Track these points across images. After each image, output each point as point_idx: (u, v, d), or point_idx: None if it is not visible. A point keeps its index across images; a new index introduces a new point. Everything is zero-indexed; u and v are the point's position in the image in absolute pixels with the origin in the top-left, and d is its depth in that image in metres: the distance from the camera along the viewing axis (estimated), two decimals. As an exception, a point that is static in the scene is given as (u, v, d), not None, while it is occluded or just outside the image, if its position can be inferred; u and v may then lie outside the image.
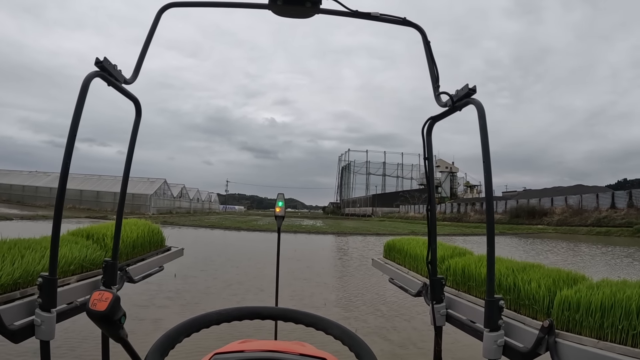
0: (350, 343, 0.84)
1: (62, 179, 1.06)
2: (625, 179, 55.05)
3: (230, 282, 7.97)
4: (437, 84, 1.28)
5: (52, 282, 1.07)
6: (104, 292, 0.81)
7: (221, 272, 9.08)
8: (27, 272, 1.22)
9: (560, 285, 1.29)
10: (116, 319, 0.82)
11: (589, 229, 30.38)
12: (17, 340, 1.06)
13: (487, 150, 1.08)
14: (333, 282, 8.64)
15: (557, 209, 37.06)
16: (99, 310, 0.79)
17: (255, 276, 8.69)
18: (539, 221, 36.49)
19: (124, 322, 0.85)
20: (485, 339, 1.12)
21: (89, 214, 31.28)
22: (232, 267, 10.17)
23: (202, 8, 1.26)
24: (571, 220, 34.03)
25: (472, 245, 13.20)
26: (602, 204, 33.58)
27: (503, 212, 43.00)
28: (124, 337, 0.87)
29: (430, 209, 1.43)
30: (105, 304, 0.79)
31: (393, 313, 5.98)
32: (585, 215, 33.44)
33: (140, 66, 1.26)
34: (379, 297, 7.03)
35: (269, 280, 2.49)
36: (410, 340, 4.76)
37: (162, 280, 6.92)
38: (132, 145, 1.42)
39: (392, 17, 1.25)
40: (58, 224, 1.05)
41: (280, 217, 2.34)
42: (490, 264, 1.09)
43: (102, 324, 0.82)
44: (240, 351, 1.00)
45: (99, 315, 0.80)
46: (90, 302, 0.80)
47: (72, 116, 1.04)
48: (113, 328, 0.83)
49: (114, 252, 1.43)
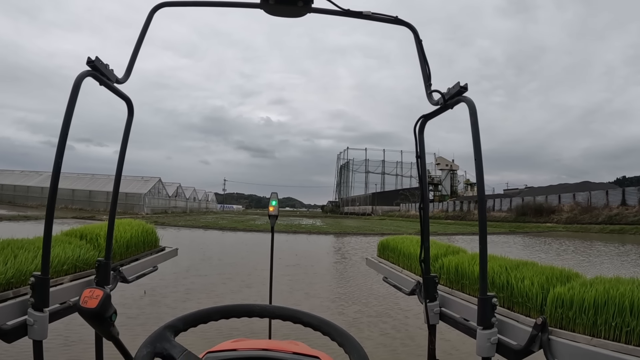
0: (344, 343, 0.85)
1: (54, 178, 1.08)
2: (624, 177, 55.33)
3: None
4: (429, 82, 1.31)
5: (44, 281, 1.08)
6: (94, 289, 0.83)
7: (200, 293, 7.30)
8: (20, 272, 1.24)
9: (553, 282, 1.33)
10: (107, 317, 0.84)
11: (601, 227, 30.20)
12: (10, 340, 1.08)
13: (478, 148, 1.11)
14: (354, 310, 6.64)
15: (564, 207, 37.02)
16: (90, 307, 0.81)
17: (244, 299, 6.92)
18: (547, 219, 36.44)
19: (114, 319, 0.87)
20: (479, 337, 1.15)
21: (78, 214, 31.11)
22: (220, 282, 8.47)
23: (196, 8, 1.29)
24: (581, 218, 33.92)
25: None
26: (611, 201, 33.51)
27: (508, 210, 43.02)
28: (115, 335, 0.89)
29: (423, 207, 1.47)
30: (96, 302, 0.81)
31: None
32: (595, 212, 33.33)
33: (133, 66, 1.29)
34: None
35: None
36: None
37: (126, 298, 5.80)
38: (125, 145, 1.45)
39: (384, 16, 1.28)
40: (50, 223, 1.07)
41: (273, 217, 2.37)
42: (483, 262, 1.12)
43: (93, 322, 0.84)
44: (232, 350, 1.03)
45: (89, 313, 0.82)
46: (81, 300, 0.82)
47: (64, 116, 1.07)
48: (104, 326, 0.85)
49: (107, 252, 1.47)
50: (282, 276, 8.86)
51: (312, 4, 1.23)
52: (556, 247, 19.00)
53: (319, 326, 0.89)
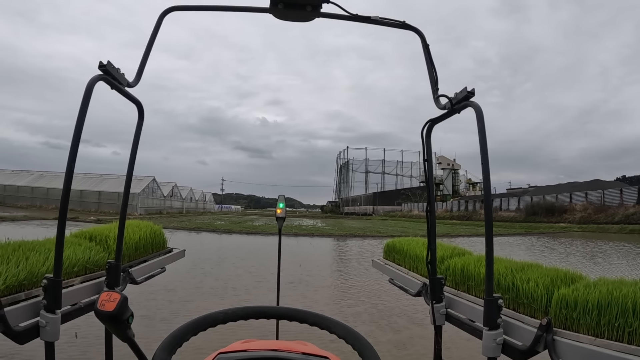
0: (354, 342, 0.91)
1: (67, 181, 1.13)
2: (624, 176, 55.36)
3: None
4: (437, 86, 1.37)
5: (56, 283, 1.14)
6: (112, 292, 0.88)
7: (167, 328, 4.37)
8: (31, 274, 1.31)
9: (558, 284, 1.40)
10: (124, 319, 0.89)
11: (620, 226, 29.88)
12: (22, 341, 1.14)
13: (485, 152, 1.17)
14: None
15: (577, 206, 36.88)
16: (108, 310, 0.86)
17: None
18: (559, 219, 36.28)
19: (131, 322, 0.92)
20: (485, 338, 1.21)
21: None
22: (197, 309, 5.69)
23: (196, 12, 1.34)
24: (596, 217, 33.70)
25: (503, 247, 11.96)
26: (625, 200, 33.37)
27: (516, 209, 42.91)
28: (131, 337, 0.94)
29: (430, 209, 1.53)
30: (114, 305, 0.86)
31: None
32: (611, 212, 33.14)
33: (143, 69, 1.35)
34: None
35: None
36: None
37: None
38: (135, 147, 1.51)
39: (391, 21, 1.34)
40: (63, 225, 1.12)
41: (281, 219, 2.42)
42: (488, 264, 1.18)
43: (111, 324, 0.89)
44: (243, 350, 1.08)
45: (107, 316, 0.86)
46: (98, 303, 0.87)
47: (76, 119, 1.12)
48: (121, 328, 0.90)
49: (117, 254, 1.53)
50: (284, 304, 5.38)
51: (321, 8, 1.29)
52: (589, 250, 16.82)
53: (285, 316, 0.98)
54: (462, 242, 17.95)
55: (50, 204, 35.94)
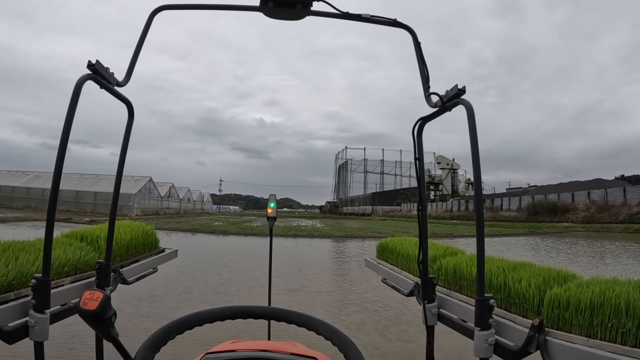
0: (339, 343, 0.92)
1: (55, 181, 1.15)
2: (622, 175, 55.92)
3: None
4: (428, 84, 1.38)
5: (45, 283, 1.15)
6: (94, 291, 0.88)
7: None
8: (21, 274, 1.32)
9: (550, 283, 1.40)
10: (107, 318, 0.89)
11: (624, 226, 29.80)
12: (11, 341, 1.15)
13: (476, 150, 1.18)
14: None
15: (579, 205, 36.91)
16: (90, 309, 0.86)
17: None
18: (562, 218, 36.30)
19: (114, 321, 0.92)
20: (476, 338, 1.22)
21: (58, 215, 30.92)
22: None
23: (190, 12, 1.36)
24: (599, 217, 33.72)
25: (509, 248, 12.22)
26: (629, 199, 33.41)
27: (518, 209, 42.97)
28: (115, 336, 0.94)
29: (421, 209, 1.54)
30: (96, 303, 0.86)
31: None
32: (614, 211, 33.16)
33: (133, 68, 1.36)
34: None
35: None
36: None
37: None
38: (125, 147, 1.52)
39: (382, 19, 1.35)
40: (51, 225, 1.14)
41: (272, 218, 2.44)
42: (480, 263, 1.19)
43: (93, 323, 0.89)
44: (231, 350, 1.09)
45: (89, 314, 0.86)
46: (81, 302, 0.87)
47: (65, 119, 1.13)
48: (104, 327, 0.90)
49: (107, 254, 1.54)
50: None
51: (311, 7, 1.30)
52: (598, 250, 16.49)
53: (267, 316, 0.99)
54: (464, 242, 18.03)
55: (46, 205, 35.26)
